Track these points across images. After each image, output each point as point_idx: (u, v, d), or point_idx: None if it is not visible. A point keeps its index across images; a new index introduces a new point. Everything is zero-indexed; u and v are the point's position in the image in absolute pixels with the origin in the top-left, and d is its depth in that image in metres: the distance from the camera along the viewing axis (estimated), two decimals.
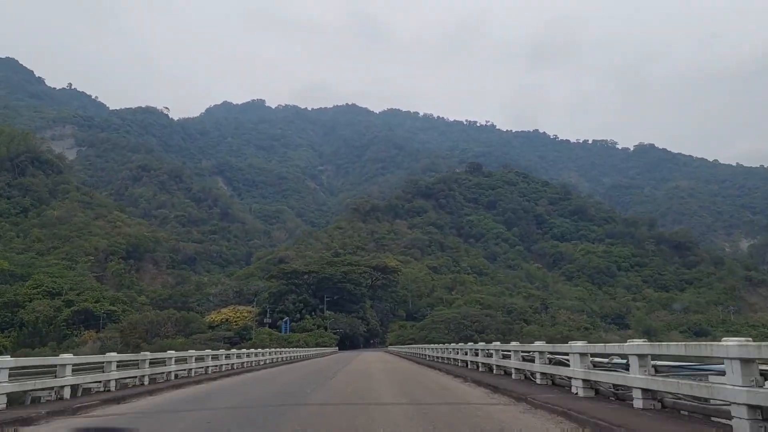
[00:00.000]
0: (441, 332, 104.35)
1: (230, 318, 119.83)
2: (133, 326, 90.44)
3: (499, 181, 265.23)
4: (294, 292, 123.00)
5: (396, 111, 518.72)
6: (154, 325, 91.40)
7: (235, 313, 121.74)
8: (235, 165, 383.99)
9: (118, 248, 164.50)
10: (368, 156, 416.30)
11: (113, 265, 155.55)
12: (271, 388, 21.73)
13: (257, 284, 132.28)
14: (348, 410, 13.18)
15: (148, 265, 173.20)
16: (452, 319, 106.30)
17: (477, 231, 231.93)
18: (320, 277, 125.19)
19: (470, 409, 13.14)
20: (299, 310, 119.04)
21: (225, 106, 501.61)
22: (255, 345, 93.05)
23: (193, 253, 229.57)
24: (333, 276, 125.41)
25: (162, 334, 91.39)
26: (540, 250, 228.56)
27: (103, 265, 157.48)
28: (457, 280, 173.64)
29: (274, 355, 53.83)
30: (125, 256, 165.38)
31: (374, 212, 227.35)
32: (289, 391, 19.82)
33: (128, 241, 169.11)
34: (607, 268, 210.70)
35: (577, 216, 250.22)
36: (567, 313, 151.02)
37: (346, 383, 22.63)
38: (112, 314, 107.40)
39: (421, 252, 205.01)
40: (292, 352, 65.47)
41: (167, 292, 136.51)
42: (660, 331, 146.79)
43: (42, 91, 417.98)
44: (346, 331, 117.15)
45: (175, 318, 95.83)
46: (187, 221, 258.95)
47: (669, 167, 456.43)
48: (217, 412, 14.14)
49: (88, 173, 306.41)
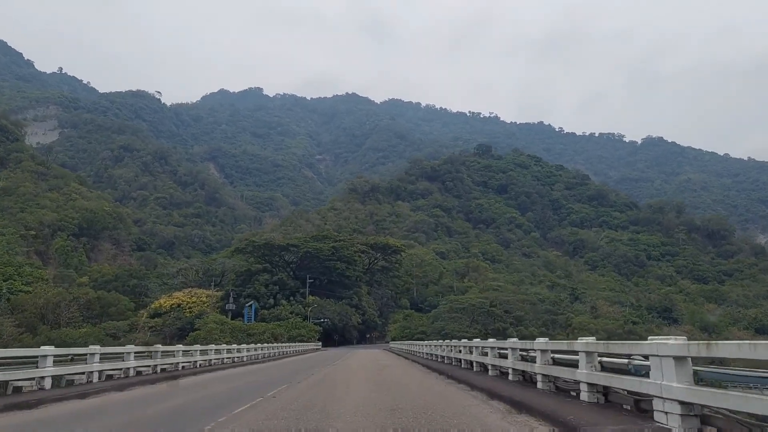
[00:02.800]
0: (462, 323, 73.24)
1: (183, 303, 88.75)
2: (21, 308, 59.40)
3: (510, 164, 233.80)
4: (268, 271, 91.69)
5: (398, 101, 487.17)
6: (52, 306, 60.26)
7: (189, 297, 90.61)
8: (229, 151, 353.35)
9: (69, 223, 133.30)
10: (369, 145, 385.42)
11: (59, 241, 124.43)
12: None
13: (223, 262, 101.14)
14: None
15: (105, 245, 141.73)
16: (478, 306, 74.99)
17: (488, 215, 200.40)
18: (302, 252, 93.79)
19: None
20: (273, 294, 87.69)
21: (221, 93, 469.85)
22: (197, 339, 62.72)
23: (171, 237, 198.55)
24: (319, 252, 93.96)
25: (64, 320, 60.54)
26: (557, 237, 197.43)
27: (48, 242, 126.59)
28: (470, 265, 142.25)
29: (181, 358, 26.63)
30: (77, 232, 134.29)
31: (374, 193, 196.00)
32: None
33: (82, 216, 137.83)
34: (635, 257, 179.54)
35: (596, 202, 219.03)
36: (606, 304, 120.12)
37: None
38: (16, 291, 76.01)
39: (426, 236, 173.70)
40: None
41: (113, 272, 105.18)
42: (720, 328, 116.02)
43: (30, 74, 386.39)
44: (335, 321, 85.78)
45: (86, 300, 64.62)
46: (168, 203, 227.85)
47: (678, 161, 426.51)
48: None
49: (68, 154, 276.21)
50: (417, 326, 78.96)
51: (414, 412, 10.82)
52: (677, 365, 6.90)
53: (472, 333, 67.38)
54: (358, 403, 12.64)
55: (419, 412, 10.81)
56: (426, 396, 14.24)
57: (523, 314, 79.57)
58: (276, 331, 67.30)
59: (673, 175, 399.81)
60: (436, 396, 14.34)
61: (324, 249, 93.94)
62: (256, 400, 13.46)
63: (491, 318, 74.03)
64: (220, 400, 14.15)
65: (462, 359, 23.41)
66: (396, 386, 17.23)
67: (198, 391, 17.49)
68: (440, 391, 15.75)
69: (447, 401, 13.02)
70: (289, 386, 17.58)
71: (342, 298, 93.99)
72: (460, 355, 23.81)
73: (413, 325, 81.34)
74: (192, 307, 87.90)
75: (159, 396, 15.92)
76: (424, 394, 14.62)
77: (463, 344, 23.87)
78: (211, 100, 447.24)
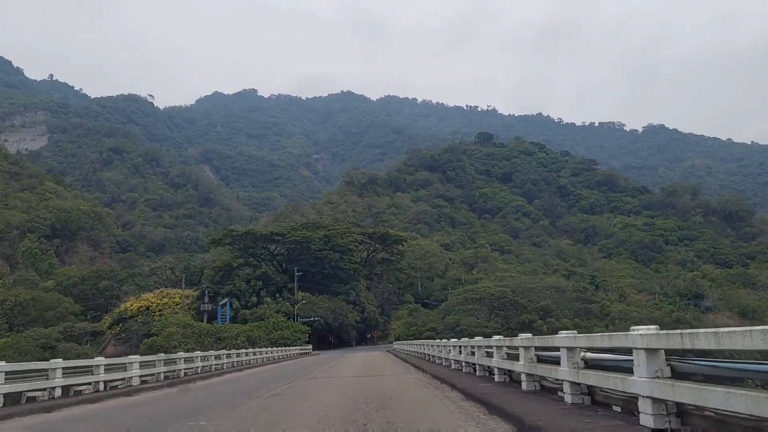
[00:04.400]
0: (480, 316, 59.70)
1: (152, 305, 75.34)
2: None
3: (513, 151, 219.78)
4: (251, 265, 78.12)
5: (393, 98, 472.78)
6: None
7: (160, 298, 77.19)
8: (224, 153, 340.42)
9: (40, 224, 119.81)
10: (366, 142, 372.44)
11: (26, 242, 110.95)
12: None
13: (203, 259, 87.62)
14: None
15: (82, 246, 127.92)
16: (498, 296, 61.23)
17: (493, 205, 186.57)
18: (290, 242, 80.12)
19: None
20: (256, 291, 74.07)
21: (216, 96, 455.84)
22: (152, 347, 49.08)
23: (161, 239, 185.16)
24: (309, 241, 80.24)
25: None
26: (567, 225, 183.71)
27: (15, 245, 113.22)
28: (479, 255, 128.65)
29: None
30: (49, 234, 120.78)
31: (371, 185, 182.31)
32: None
33: (56, 216, 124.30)
34: (652, 243, 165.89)
35: (605, 187, 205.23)
36: (633, 291, 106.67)
37: None
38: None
39: (429, 228, 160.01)
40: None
41: (80, 274, 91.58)
42: (760, 313, 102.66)
43: (20, 81, 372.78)
44: (328, 320, 72.13)
45: (15, 302, 51.11)
46: (158, 205, 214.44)
47: (681, 147, 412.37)
48: None
49: (57, 159, 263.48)
50: (425, 322, 65.09)
51: None
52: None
53: (493, 328, 53.92)
54: None
55: None
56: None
57: (549, 304, 65.86)
58: (254, 334, 53.76)
59: (677, 161, 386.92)
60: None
61: (314, 238, 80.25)
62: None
63: (514, 309, 60.39)
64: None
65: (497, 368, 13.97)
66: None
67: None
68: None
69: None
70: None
71: (337, 294, 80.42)
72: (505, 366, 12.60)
73: (420, 322, 67.47)
74: (162, 309, 74.54)
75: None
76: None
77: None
78: (206, 103, 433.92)
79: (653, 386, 5.81)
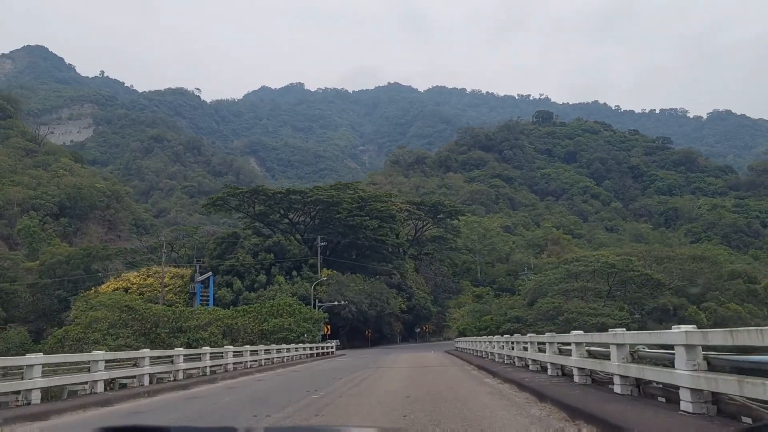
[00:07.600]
0: (587, 295, 37.11)
1: (132, 287, 55.58)
2: None
3: (576, 130, 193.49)
4: (260, 233, 57.35)
5: (442, 88, 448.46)
6: None
7: (144, 278, 57.38)
8: (269, 144, 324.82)
9: (47, 201, 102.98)
10: (413, 132, 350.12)
11: (24, 220, 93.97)
12: None
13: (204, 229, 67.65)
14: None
15: (93, 227, 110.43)
16: (620, 268, 38.21)
17: (557, 186, 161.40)
18: (312, 202, 58.88)
19: None
20: (266, 268, 53.20)
21: (263, 90, 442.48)
22: (64, 340, 27.33)
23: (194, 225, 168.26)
24: (339, 204, 58.90)
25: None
26: (642, 209, 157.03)
27: (14, 223, 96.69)
28: (550, 237, 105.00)
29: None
30: (56, 212, 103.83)
31: (419, 165, 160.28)
32: None
33: (66, 193, 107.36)
34: (747, 226, 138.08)
35: (683, 167, 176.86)
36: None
37: None
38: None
39: (486, 209, 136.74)
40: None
41: (64, 252, 73.27)
42: None
43: (71, 77, 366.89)
44: (363, 308, 50.59)
45: None
46: (196, 192, 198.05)
47: (751, 134, 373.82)
48: None
49: (100, 150, 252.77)
50: (504, 310, 42.73)
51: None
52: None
53: (619, 318, 31.07)
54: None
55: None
56: None
57: (685, 284, 42.51)
58: (235, 323, 32.99)
59: (746, 149, 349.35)
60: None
61: (346, 199, 58.81)
62: None
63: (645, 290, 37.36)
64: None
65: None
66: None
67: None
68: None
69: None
70: None
71: (376, 274, 58.86)
72: None
73: (494, 310, 45.00)
74: (145, 291, 54.67)
75: None
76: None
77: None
78: (253, 97, 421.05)
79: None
